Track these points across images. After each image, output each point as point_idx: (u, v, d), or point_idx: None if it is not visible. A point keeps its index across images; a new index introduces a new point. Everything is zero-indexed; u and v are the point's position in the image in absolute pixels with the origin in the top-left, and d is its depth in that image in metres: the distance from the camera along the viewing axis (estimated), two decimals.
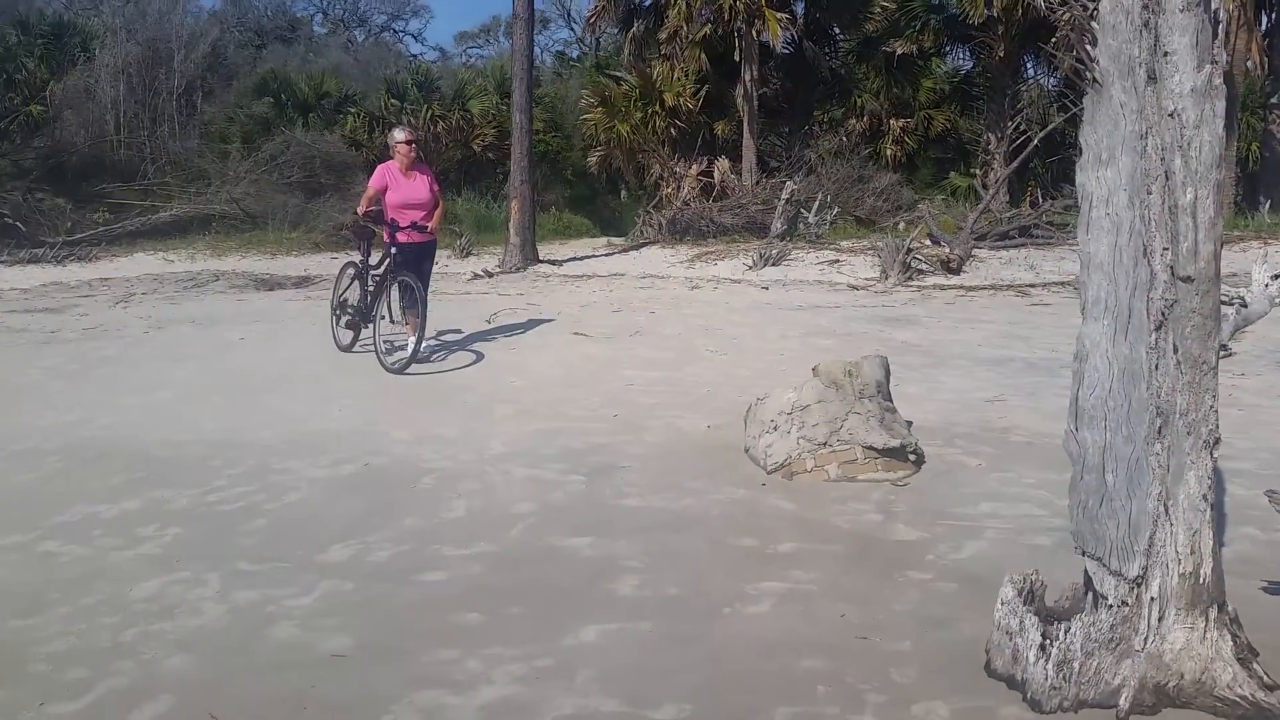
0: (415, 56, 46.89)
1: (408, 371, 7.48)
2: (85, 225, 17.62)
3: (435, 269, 15.22)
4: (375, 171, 7.84)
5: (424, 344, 7.77)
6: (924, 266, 12.69)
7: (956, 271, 12.59)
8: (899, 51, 20.19)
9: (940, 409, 6.36)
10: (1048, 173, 21.79)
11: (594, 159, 22.92)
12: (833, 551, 4.12)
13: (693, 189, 20.03)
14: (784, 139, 23.59)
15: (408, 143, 7.71)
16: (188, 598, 3.75)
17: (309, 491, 4.97)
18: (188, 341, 9.24)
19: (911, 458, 5.16)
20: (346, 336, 8.31)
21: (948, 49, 21.65)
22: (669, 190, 20.58)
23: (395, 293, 7.84)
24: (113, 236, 17.43)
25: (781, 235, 16.71)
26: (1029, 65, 21.39)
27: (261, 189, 19.16)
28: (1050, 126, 17.23)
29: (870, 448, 5.06)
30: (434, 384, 7.20)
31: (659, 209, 19.78)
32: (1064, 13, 9.82)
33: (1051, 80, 21.87)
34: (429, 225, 7.79)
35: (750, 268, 13.50)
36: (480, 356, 8.09)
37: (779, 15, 18.08)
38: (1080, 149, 2.94)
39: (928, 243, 14.89)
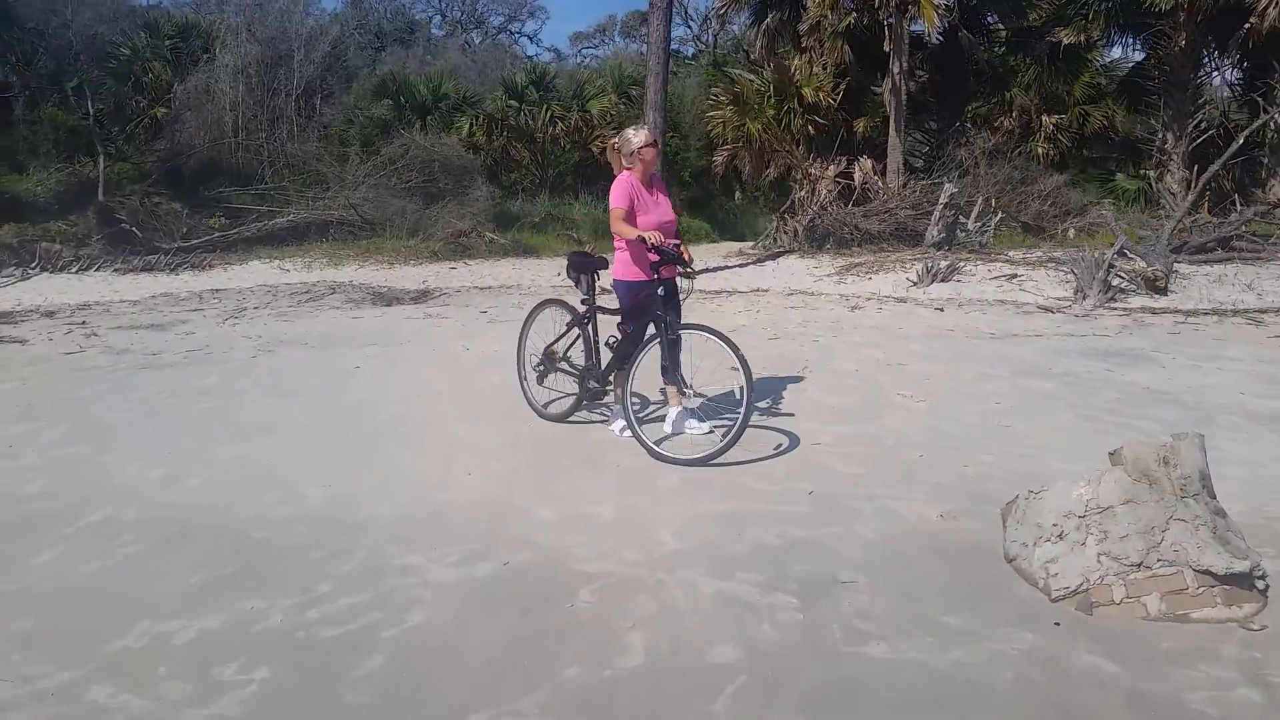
0: (531, 58, 46.49)
1: (562, 419, 6.30)
2: (201, 231, 17.12)
3: (559, 282, 14.23)
4: (616, 187, 5.70)
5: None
6: (1126, 285, 10.95)
7: (1163, 291, 10.82)
8: (1065, 41, 18.25)
9: (1241, 493, 4.81)
10: (1228, 175, 19.49)
11: (719, 159, 21.59)
12: None
13: (830, 192, 18.47)
14: (930, 137, 21.87)
15: (652, 145, 5.78)
16: None
17: (436, 608, 3.77)
18: (298, 369, 8.26)
19: (1260, 585, 3.69)
20: (552, 401, 6.46)
21: (1118, 38, 19.54)
22: (803, 193, 19.06)
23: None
24: (228, 243, 16.88)
25: (938, 244, 15.10)
26: (1211, 57, 19.09)
27: (379, 194, 18.43)
28: (1264, 119, 15.04)
29: (1206, 572, 3.60)
30: (575, 437, 5.97)
31: (792, 214, 18.34)
32: None
33: (1235, 73, 19.62)
34: (687, 254, 5.74)
35: (915, 284, 11.95)
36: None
37: (936, 1, 16.41)
38: None
39: (1108, 250, 13.10)
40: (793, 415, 6.33)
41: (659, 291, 5.63)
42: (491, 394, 7.05)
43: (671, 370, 5.65)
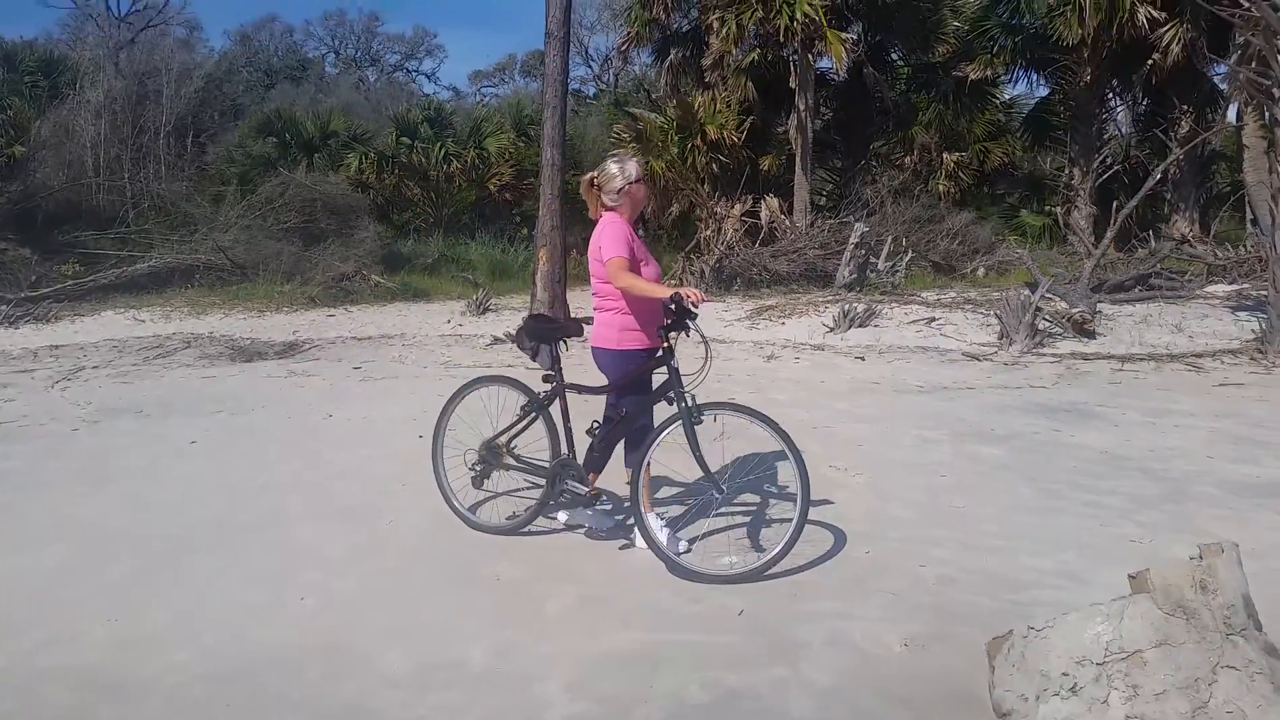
0: (429, 96, 45.34)
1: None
2: (52, 279, 15.42)
3: (449, 330, 13.07)
4: (612, 231, 4.38)
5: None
6: (1054, 329, 10.32)
7: (1091, 334, 10.23)
8: (971, 76, 17.99)
9: (1253, 597, 3.96)
10: (1131, 212, 19.43)
11: None
12: None
13: (736, 231, 17.75)
14: (836, 175, 21.44)
15: (643, 180, 4.58)
16: None
17: None
18: (123, 446, 6.93)
19: None
20: (481, 503, 5.10)
21: (1022, 74, 19.41)
22: (709, 233, 18.32)
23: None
24: (82, 292, 15.23)
25: (850, 285, 14.44)
26: (1114, 93, 19.06)
27: (253, 236, 16.95)
28: (1173, 156, 14.72)
29: None
30: (446, 540, 4.82)
31: (697, 254, 17.55)
32: (1240, 12, 7.14)
33: (1137, 110, 19.64)
34: None
35: (831, 329, 11.16)
36: (514, 491, 5.41)
37: (844, 36, 15.88)
38: None
39: (1027, 292, 12.58)
40: None
41: (673, 363, 4.33)
42: (351, 477, 5.88)
43: (698, 462, 4.32)
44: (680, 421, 4.28)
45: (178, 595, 4.21)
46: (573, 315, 13.49)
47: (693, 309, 4.21)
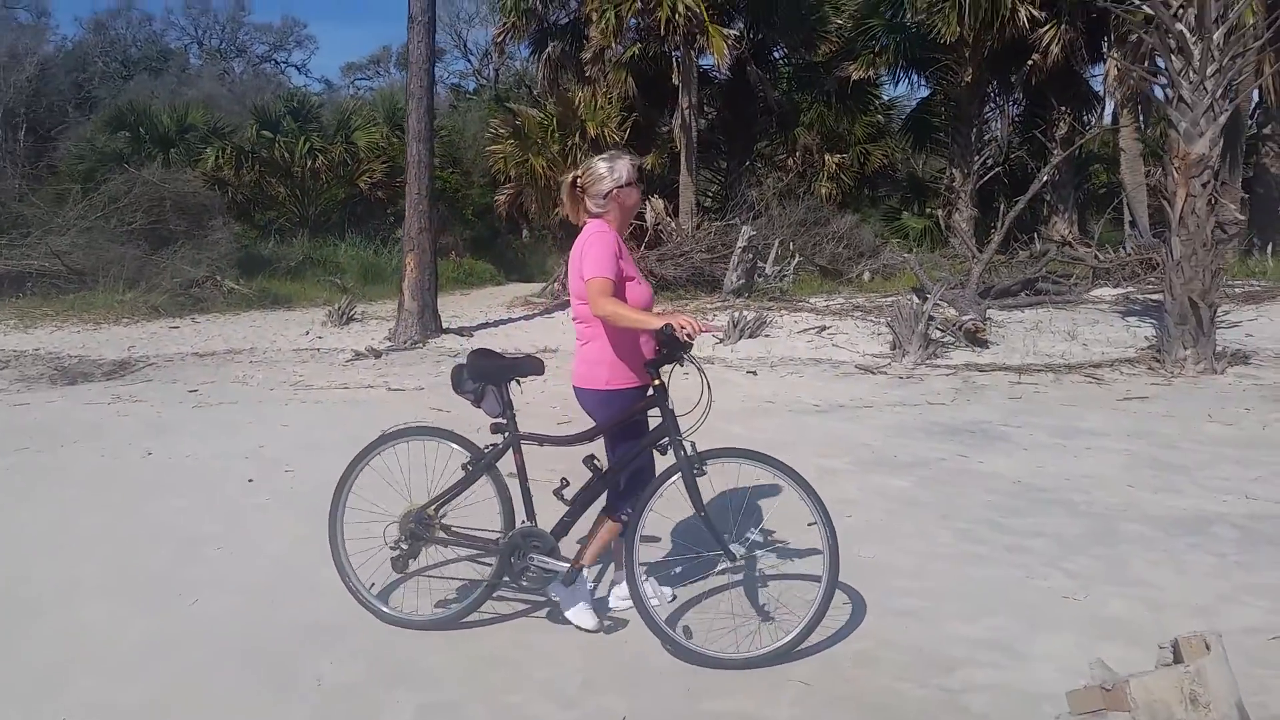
0: (300, 89, 43.35)
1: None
2: None
3: (306, 344, 11.93)
4: (596, 240, 3.57)
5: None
6: (946, 338, 9.96)
7: (984, 344, 9.90)
8: (854, 76, 17.76)
9: None
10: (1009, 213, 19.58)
11: (502, 198, 19.99)
12: None
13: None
14: (720, 176, 21.03)
15: (635, 183, 3.75)
16: None
17: None
18: None
19: None
20: (391, 588, 4.07)
21: (904, 74, 19.33)
22: None
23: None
24: None
25: (738, 290, 13.94)
26: (993, 94, 19.15)
27: (94, 239, 15.47)
28: (1058, 158, 14.64)
29: None
30: (265, 627, 3.95)
31: None
32: (1128, 7, 6.60)
33: (1016, 110, 19.80)
34: None
35: (720, 341, 10.58)
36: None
37: (726, 31, 15.38)
38: None
39: (914, 298, 12.28)
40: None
41: (668, 405, 3.65)
42: (161, 536, 4.94)
43: (702, 522, 3.63)
44: (679, 474, 3.58)
45: None
46: (444, 325, 12.66)
47: (687, 340, 3.49)
